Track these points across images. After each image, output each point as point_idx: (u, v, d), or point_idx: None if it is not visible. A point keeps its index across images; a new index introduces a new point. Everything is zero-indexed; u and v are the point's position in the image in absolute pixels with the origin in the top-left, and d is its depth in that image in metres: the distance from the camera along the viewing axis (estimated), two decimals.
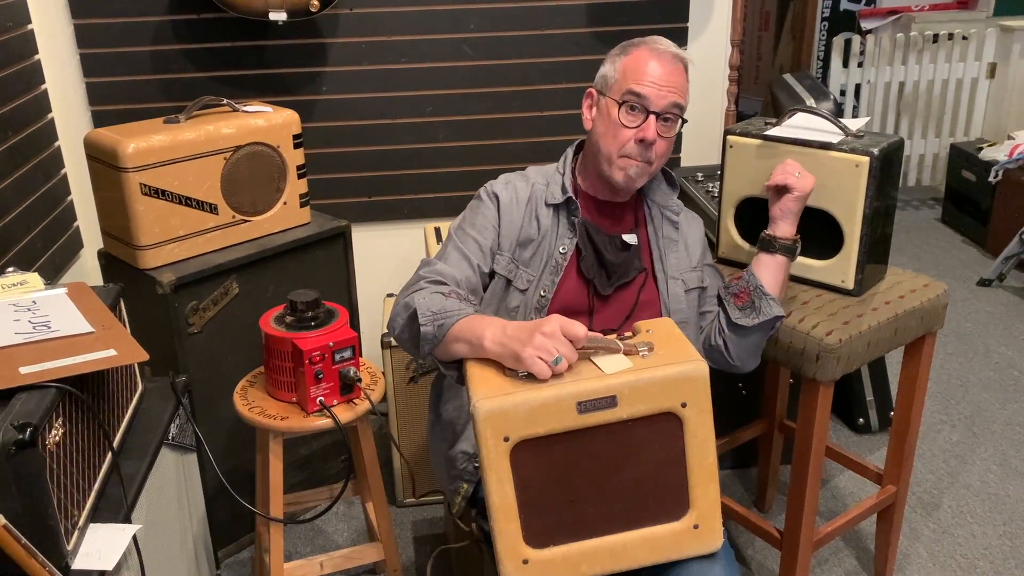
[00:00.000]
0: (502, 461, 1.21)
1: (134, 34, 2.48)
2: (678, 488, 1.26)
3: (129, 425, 1.59)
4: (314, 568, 1.88)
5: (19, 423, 1.15)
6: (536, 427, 1.21)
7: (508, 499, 1.23)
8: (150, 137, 1.92)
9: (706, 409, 1.23)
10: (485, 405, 1.20)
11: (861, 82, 4.50)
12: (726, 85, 2.82)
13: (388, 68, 2.64)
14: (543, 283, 1.57)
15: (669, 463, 1.25)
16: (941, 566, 2.17)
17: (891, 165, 1.72)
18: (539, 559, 1.26)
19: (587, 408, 1.21)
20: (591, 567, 1.28)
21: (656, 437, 1.24)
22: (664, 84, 1.52)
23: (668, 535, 1.28)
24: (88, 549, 1.30)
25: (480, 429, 1.20)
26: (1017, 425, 2.75)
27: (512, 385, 1.23)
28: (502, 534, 1.24)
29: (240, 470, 2.11)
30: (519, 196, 1.61)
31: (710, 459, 1.26)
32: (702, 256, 1.72)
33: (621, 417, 1.22)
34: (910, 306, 1.77)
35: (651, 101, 1.51)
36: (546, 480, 1.24)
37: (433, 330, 1.39)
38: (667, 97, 1.52)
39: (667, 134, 1.55)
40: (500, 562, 1.26)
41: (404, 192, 2.78)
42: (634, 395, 1.21)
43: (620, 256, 1.60)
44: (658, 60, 1.53)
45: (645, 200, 1.68)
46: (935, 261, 4.01)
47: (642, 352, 1.26)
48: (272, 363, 1.74)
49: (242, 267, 2.07)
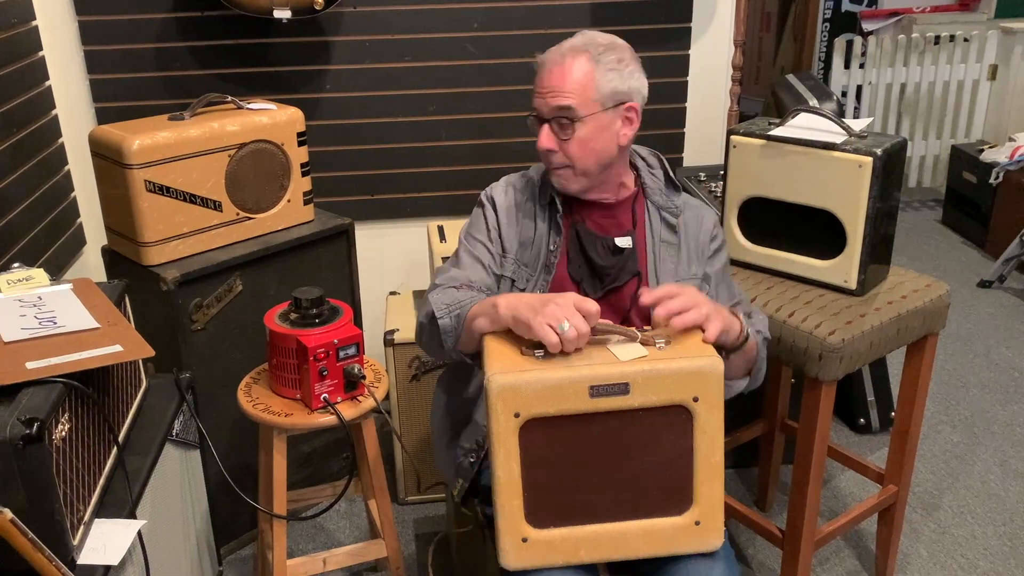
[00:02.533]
0: (511, 437, 1.23)
1: (138, 31, 2.48)
2: (683, 483, 1.27)
3: (134, 421, 1.60)
4: (316, 565, 1.88)
5: (26, 418, 1.16)
6: (547, 406, 1.22)
7: (514, 475, 1.25)
8: (155, 134, 1.92)
9: (717, 406, 1.24)
10: (498, 380, 1.21)
11: (862, 83, 4.51)
12: (729, 85, 2.82)
13: (391, 67, 2.65)
14: (538, 283, 1.57)
15: (676, 456, 1.26)
16: (941, 566, 2.18)
17: (894, 165, 1.72)
18: (538, 538, 1.28)
19: (599, 393, 1.21)
20: (589, 552, 1.29)
21: (666, 429, 1.25)
22: (546, 91, 1.48)
23: (668, 529, 1.28)
24: (94, 544, 1.30)
25: (492, 403, 1.22)
26: (1017, 426, 2.75)
27: (528, 363, 1.25)
28: (504, 510, 1.26)
29: (243, 467, 2.11)
30: (517, 198, 1.61)
31: (717, 457, 1.26)
32: (711, 265, 1.63)
33: (632, 405, 1.22)
34: (912, 306, 1.78)
35: (540, 110, 1.50)
36: (553, 461, 1.25)
37: (451, 321, 1.41)
38: (549, 103, 1.48)
39: (566, 136, 1.49)
40: (500, 537, 1.27)
41: (407, 190, 2.78)
42: (647, 384, 1.22)
43: (610, 260, 1.56)
44: (546, 67, 1.50)
45: (647, 201, 1.63)
46: (935, 263, 4.02)
47: (659, 344, 1.27)
48: (276, 360, 1.75)
49: (246, 264, 2.07)
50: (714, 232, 1.65)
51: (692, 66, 2.81)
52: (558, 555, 1.28)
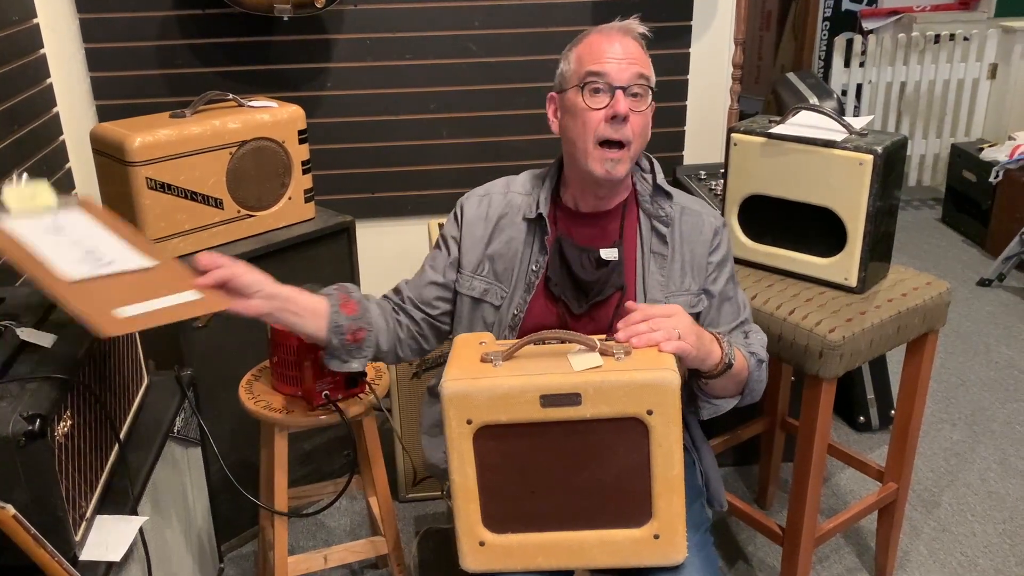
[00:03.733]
0: (464, 443, 1.24)
1: (139, 29, 2.48)
2: (641, 495, 1.25)
3: (135, 418, 1.60)
4: (317, 562, 1.89)
5: (28, 414, 1.16)
6: (498, 414, 1.22)
7: (469, 480, 1.26)
8: (157, 131, 1.92)
9: (674, 420, 1.21)
10: (451, 387, 1.22)
11: (862, 82, 4.50)
12: (729, 83, 2.83)
13: (392, 64, 2.65)
14: (516, 301, 1.51)
15: (633, 469, 1.24)
16: (941, 563, 2.18)
17: (894, 163, 1.72)
18: (496, 543, 1.29)
19: (550, 402, 1.21)
20: (547, 559, 1.29)
21: (620, 441, 1.23)
22: (623, 57, 1.41)
23: (627, 541, 1.28)
24: (96, 540, 1.31)
25: (445, 409, 1.23)
26: (1017, 424, 2.76)
27: (483, 370, 1.25)
28: (461, 513, 1.27)
29: (244, 464, 2.11)
30: (490, 212, 1.54)
31: (676, 470, 1.24)
32: (712, 282, 1.53)
33: (584, 416, 1.22)
34: (912, 304, 1.78)
35: (613, 76, 1.40)
36: (508, 468, 1.26)
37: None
38: (629, 69, 1.41)
39: (639, 108, 1.42)
40: (458, 540, 1.29)
41: (408, 188, 2.79)
42: (598, 395, 1.21)
43: (595, 274, 1.48)
44: (610, 37, 1.44)
45: (639, 209, 1.53)
46: (935, 261, 4.02)
47: (617, 355, 1.24)
48: (277, 357, 1.75)
49: (247, 262, 2.06)
50: (715, 242, 1.54)
51: (692, 64, 2.81)
52: (516, 560, 1.29)
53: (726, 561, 2.21)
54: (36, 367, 1.29)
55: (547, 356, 1.27)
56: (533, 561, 1.29)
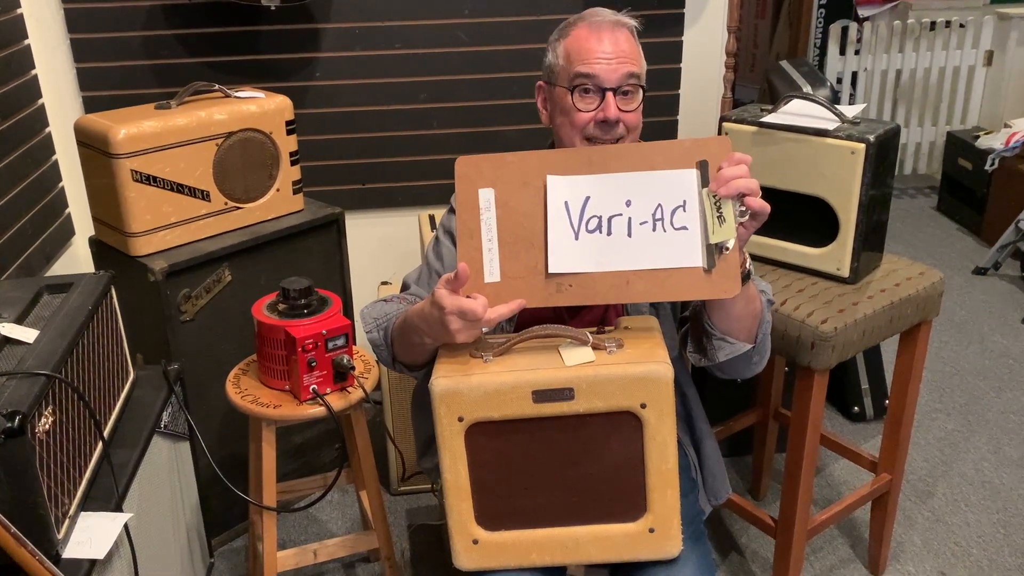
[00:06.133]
0: (456, 440, 1.23)
1: (125, 19, 2.45)
2: (635, 489, 1.25)
3: (121, 413, 1.59)
4: (308, 556, 1.88)
5: (7, 411, 1.15)
6: (490, 411, 1.21)
7: (461, 478, 1.25)
8: (141, 123, 1.90)
9: (668, 412, 1.21)
10: (441, 384, 1.21)
11: (858, 70, 4.49)
12: (722, 72, 2.80)
13: (381, 54, 2.62)
14: None
15: (627, 463, 1.24)
16: (935, 553, 2.18)
17: (887, 152, 1.71)
18: (489, 541, 1.28)
19: (543, 398, 1.20)
20: (541, 556, 1.28)
21: (614, 435, 1.23)
22: (613, 56, 1.40)
23: (621, 535, 1.27)
24: (79, 538, 1.29)
25: (435, 407, 1.21)
26: (1011, 413, 2.75)
27: (473, 367, 1.23)
28: (454, 512, 1.26)
29: (233, 458, 2.10)
30: None
31: (670, 464, 1.23)
32: None
33: (577, 411, 1.21)
34: (906, 294, 1.77)
35: (603, 78, 1.39)
36: (500, 465, 1.25)
37: (377, 335, 1.41)
38: (619, 69, 1.40)
39: (630, 107, 1.42)
40: (451, 539, 1.28)
41: (398, 179, 2.76)
42: (591, 390, 1.20)
43: None
44: (599, 33, 1.41)
45: None
46: (931, 250, 4.01)
47: (609, 348, 1.24)
48: (265, 351, 1.73)
49: (235, 254, 2.05)
50: None
51: (685, 53, 2.79)
52: (510, 557, 1.28)
53: (719, 553, 2.20)
54: (17, 363, 1.27)
55: (538, 351, 1.26)
56: (527, 558, 1.28)
